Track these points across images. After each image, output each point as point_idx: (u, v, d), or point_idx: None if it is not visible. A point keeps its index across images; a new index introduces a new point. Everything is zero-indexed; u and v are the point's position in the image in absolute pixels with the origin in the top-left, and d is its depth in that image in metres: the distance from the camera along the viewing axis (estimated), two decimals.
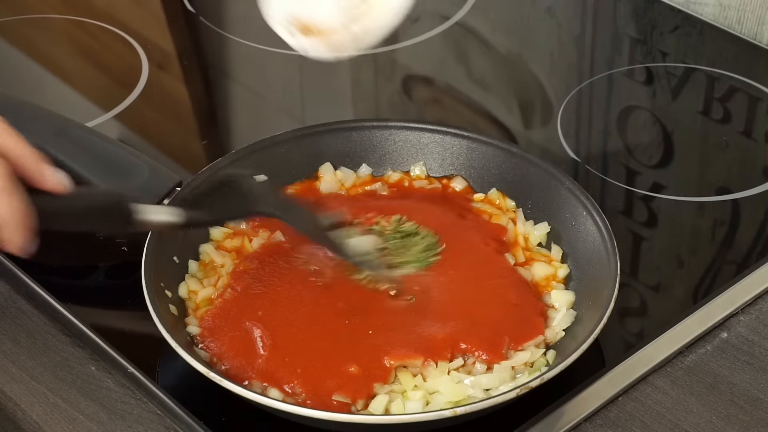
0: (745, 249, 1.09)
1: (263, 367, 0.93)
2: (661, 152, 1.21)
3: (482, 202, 1.09)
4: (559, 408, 0.93)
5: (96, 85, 1.33)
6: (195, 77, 1.35)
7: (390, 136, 1.12)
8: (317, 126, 1.12)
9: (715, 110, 1.26)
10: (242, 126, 1.29)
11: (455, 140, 1.11)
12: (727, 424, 0.93)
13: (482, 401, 0.88)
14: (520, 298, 0.99)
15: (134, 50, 1.35)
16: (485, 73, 1.35)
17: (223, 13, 1.46)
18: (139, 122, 1.26)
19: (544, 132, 1.24)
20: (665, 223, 1.13)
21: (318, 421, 0.88)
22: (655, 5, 1.40)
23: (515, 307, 0.98)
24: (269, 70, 1.34)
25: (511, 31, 1.41)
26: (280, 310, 0.97)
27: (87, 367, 0.99)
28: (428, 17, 1.41)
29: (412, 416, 0.89)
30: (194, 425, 0.92)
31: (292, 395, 0.92)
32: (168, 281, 0.99)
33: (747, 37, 1.35)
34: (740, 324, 1.02)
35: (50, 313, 1.02)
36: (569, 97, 1.27)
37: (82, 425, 0.94)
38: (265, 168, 1.09)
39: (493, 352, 0.94)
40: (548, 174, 1.06)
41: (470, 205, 1.08)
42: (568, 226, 1.04)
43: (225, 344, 0.95)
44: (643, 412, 0.95)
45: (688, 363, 0.98)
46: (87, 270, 1.07)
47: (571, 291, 1.00)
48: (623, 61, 1.34)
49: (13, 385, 0.97)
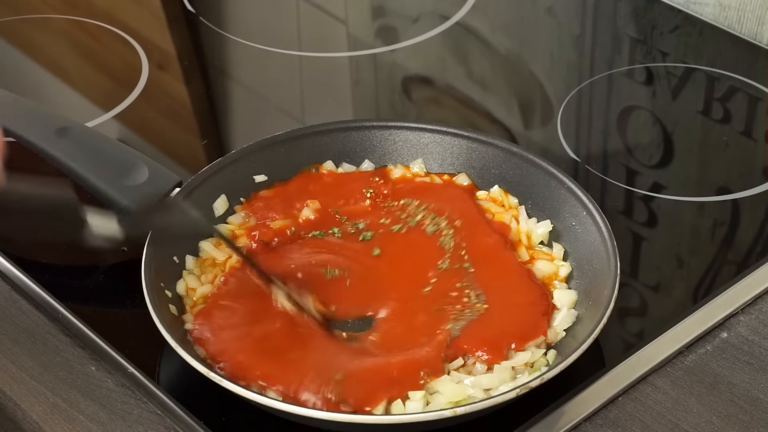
0: (745, 249, 1.09)
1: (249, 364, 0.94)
2: (661, 152, 1.21)
3: (485, 200, 1.09)
4: (559, 408, 0.93)
5: (96, 85, 1.33)
6: (195, 77, 1.35)
7: (390, 136, 1.12)
8: (317, 126, 1.12)
9: (715, 110, 1.26)
10: (242, 126, 1.29)
11: (455, 140, 1.11)
12: (727, 424, 0.93)
13: (482, 401, 0.88)
14: (527, 297, 0.99)
15: (134, 50, 1.35)
16: (485, 73, 1.35)
17: (223, 13, 1.46)
18: (139, 122, 1.26)
19: (544, 132, 1.24)
20: (665, 223, 1.13)
21: (318, 421, 0.88)
22: (655, 5, 1.40)
23: (521, 307, 0.98)
24: (269, 70, 1.34)
25: (511, 31, 1.41)
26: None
27: (87, 367, 0.99)
28: (428, 17, 1.41)
29: (412, 416, 0.89)
30: (194, 425, 0.92)
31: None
32: (168, 281, 0.99)
33: (747, 37, 1.35)
34: (740, 324, 1.02)
35: (50, 313, 1.02)
36: (569, 97, 1.27)
37: (82, 425, 0.94)
38: (265, 168, 1.09)
39: (494, 352, 0.94)
40: (548, 174, 1.06)
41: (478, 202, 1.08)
42: (568, 226, 1.04)
43: (218, 341, 0.95)
44: (643, 412, 0.95)
45: (688, 363, 0.98)
46: (87, 270, 1.07)
47: (573, 290, 1.00)
48: (623, 61, 1.33)
49: (13, 385, 0.97)
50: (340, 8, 1.46)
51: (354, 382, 0.91)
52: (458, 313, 0.98)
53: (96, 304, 1.04)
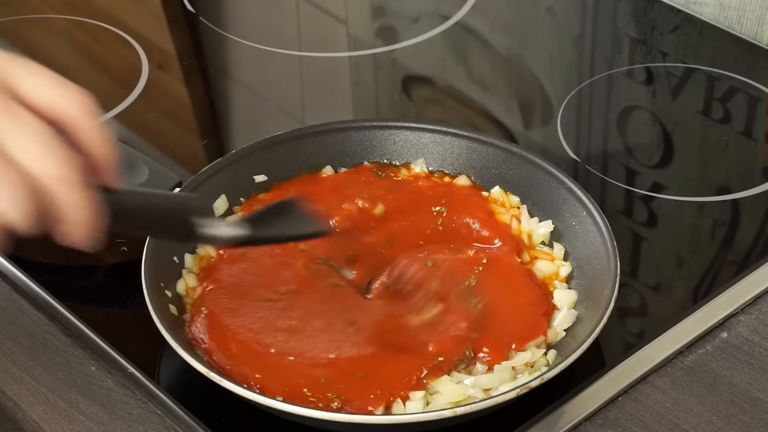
0: (745, 249, 1.09)
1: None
2: (661, 152, 1.21)
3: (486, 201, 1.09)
4: (559, 408, 0.93)
5: (96, 85, 1.33)
6: (195, 77, 1.35)
7: (390, 136, 1.12)
8: (317, 126, 1.12)
9: (715, 110, 1.26)
10: (242, 126, 1.29)
11: (455, 140, 1.11)
12: (727, 424, 0.93)
13: (482, 401, 0.88)
14: (528, 298, 0.99)
15: (134, 50, 1.35)
16: (485, 73, 1.35)
17: (223, 13, 1.46)
18: (139, 122, 1.26)
19: (544, 132, 1.24)
20: (665, 223, 1.13)
21: (318, 421, 0.88)
22: (655, 5, 1.40)
23: (522, 307, 0.98)
24: (269, 70, 1.34)
25: (511, 31, 1.41)
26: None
27: (87, 367, 0.99)
28: (428, 17, 1.41)
29: (412, 416, 0.89)
30: (194, 425, 0.92)
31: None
32: (168, 281, 0.99)
33: (747, 37, 1.35)
34: (740, 324, 1.02)
35: (50, 313, 1.02)
36: (569, 97, 1.27)
37: (82, 425, 0.94)
38: (265, 168, 1.09)
39: (495, 353, 0.94)
40: (548, 174, 1.06)
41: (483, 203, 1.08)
42: (568, 226, 1.04)
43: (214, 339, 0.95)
44: (643, 412, 0.95)
45: (688, 363, 0.98)
46: (87, 270, 1.07)
47: (574, 290, 1.00)
48: (623, 61, 1.33)
49: (13, 385, 0.97)
50: (340, 8, 1.46)
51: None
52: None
53: (96, 304, 1.04)
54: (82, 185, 0.75)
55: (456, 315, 0.96)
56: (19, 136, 0.72)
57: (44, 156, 0.73)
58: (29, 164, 0.72)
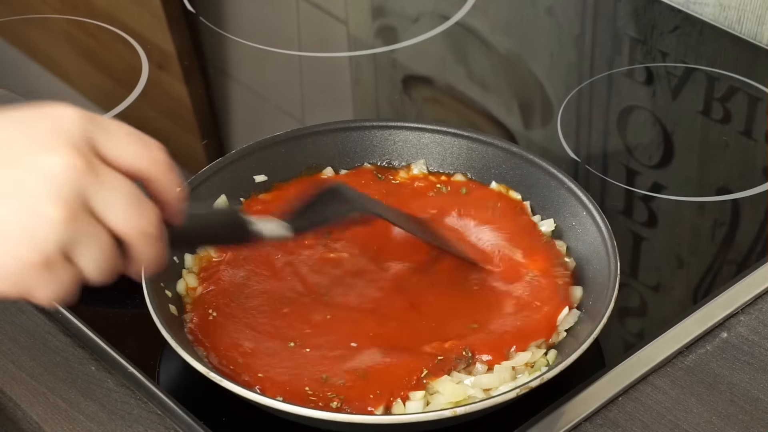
0: (745, 249, 1.09)
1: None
2: (661, 152, 1.21)
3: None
4: (559, 408, 0.93)
5: (96, 85, 1.33)
6: (195, 77, 1.35)
7: (390, 136, 1.12)
8: (317, 126, 1.12)
9: (715, 110, 1.26)
10: (242, 126, 1.29)
11: (455, 140, 1.11)
12: (727, 424, 0.93)
13: (482, 401, 0.88)
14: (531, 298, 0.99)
15: (134, 50, 1.35)
16: (485, 73, 1.35)
17: (223, 13, 1.46)
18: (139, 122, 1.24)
19: (544, 132, 1.24)
20: (665, 223, 1.13)
21: (318, 421, 0.88)
22: (655, 5, 1.40)
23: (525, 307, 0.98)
24: (269, 70, 1.34)
25: (511, 31, 1.41)
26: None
27: (87, 367, 0.99)
28: (428, 17, 1.41)
29: (412, 416, 0.89)
30: (194, 425, 0.92)
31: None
32: (168, 281, 0.99)
33: (747, 37, 1.35)
34: (740, 324, 1.02)
35: (50, 313, 1.02)
36: (569, 97, 1.27)
37: (82, 425, 0.94)
38: (265, 168, 1.09)
39: (496, 353, 0.94)
40: (548, 174, 1.06)
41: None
42: (568, 226, 1.04)
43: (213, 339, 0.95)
44: (643, 412, 0.95)
45: (688, 363, 0.98)
46: None
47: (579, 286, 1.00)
48: (623, 61, 1.33)
49: (13, 385, 0.97)
50: (340, 8, 1.46)
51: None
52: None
53: (96, 304, 1.04)
54: (157, 237, 0.78)
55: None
56: (106, 195, 0.74)
57: (129, 213, 0.75)
58: (116, 223, 0.75)
